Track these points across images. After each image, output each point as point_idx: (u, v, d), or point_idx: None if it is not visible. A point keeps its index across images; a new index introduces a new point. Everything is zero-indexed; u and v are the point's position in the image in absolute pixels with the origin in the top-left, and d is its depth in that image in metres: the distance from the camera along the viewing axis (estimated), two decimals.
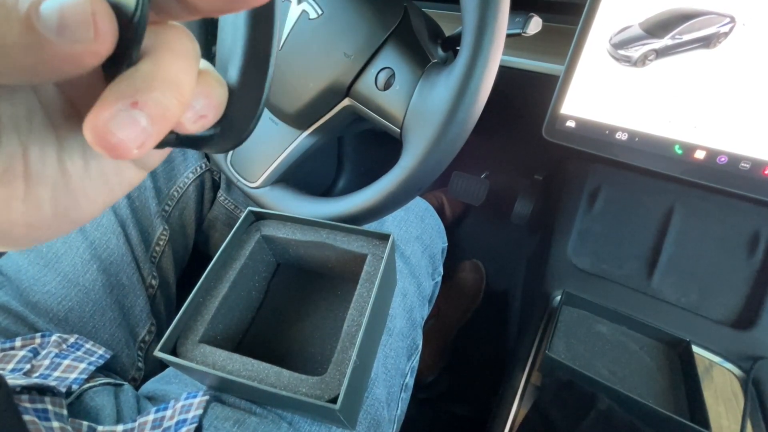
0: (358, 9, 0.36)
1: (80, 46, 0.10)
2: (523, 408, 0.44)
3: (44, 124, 0.13)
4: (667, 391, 0.43)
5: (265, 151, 0.44)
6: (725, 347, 0.49)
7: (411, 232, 0.51)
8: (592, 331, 0.50)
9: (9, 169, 0.13)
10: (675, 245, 0.58)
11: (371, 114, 0.37)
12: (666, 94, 0.43)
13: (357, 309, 0.32)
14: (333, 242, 0.36)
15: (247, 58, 0.17)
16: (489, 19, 0.29)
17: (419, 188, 0.36)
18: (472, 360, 0.87)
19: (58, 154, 0.14)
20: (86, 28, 0.10)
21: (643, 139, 0.45)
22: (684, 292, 0.55)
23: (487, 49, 0.30)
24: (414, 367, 0.48)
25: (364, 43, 0.35)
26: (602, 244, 0.61)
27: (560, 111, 0.48)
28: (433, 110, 0.32)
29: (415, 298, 0.48)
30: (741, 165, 0.41)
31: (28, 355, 0.36)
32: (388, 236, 0.35)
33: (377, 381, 0.40)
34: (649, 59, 0.42)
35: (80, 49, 0.10)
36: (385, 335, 0.43)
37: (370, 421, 0.37)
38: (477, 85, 0.31)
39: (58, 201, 0.14)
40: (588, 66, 0.45)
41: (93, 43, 0.10)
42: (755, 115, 0.40)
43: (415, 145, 0.33)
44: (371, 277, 0.34)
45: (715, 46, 0.39)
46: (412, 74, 0.34)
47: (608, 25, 0.43)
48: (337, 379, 0.28)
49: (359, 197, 0.38)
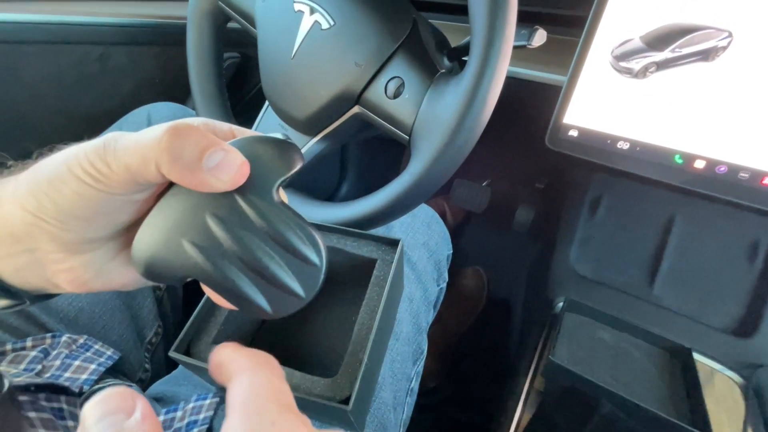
0: (369, 20, 0.37)
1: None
2: (527, 413, 0.44)
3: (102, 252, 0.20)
4: (668, 398, 0.44)
5: None
6: (726, 355, 0.50)
7: (418, 238, 0.52)
8: (595, 338, 0.50)
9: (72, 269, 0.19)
10: (676, 253, 0.59)
11: (380, 121, 0.38)
12: (666, 105, 0.44)
13: (367, 312, 0.32)
14: (343, 247, 0.37)
15: None
16: (497, 32, 0.30)
17: (427, 194, 0.37)
18: (475, 366, 0.88)
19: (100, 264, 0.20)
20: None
21: (644, 149, 0.46)
22: (685, 300, 0.56)
23: (494, 60, 0.31)
24: (419, 371, 0.48)
25: (374, 52, 0.36)
26: (604, 251, 0.62)
27: (563, 120, 0.49)
28: (442, 118, 0.33)
29: (421, 304, 0.49)
30: (740, 175, 0.42)
31: (39, 356, 0.37)
32: (397, 242, 0.36)
33: (384, 385, 0.41)
34: (649, 71, 0.43)
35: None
36: (392, 340, 0.43)
37: (377, 425, 0.38)
38: (485, 95, 0.32)
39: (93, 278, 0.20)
40: (590, 77, 0.46)
41: None
42: (753, 126, 0.41)
43: (424, 152, 0.34)
44: (381, 281, 0.34)
45: (714, 59, 0.40)
46: (421, 83, 0.35)
47: (610, 38, 0.44)
48: (348, 380, 0.29)
49: (368, 202, 0.38)
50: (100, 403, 0.14)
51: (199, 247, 0.18)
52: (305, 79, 0.39)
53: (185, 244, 0.18)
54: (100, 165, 0.17)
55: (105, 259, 0.20)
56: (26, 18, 0.57)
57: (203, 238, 0.18)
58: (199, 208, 0.18)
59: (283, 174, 0.19)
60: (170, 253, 0.18)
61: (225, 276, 0.18)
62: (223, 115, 0.51)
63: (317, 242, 0.19)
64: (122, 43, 0.65)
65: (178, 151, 0.16)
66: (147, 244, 0.19)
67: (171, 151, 0.16)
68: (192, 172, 0.17)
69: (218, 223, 0.18)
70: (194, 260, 0.18)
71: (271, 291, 0.19)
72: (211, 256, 0.18)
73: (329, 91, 0.38)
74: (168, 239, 0.18)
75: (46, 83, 0.61)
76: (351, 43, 0.37)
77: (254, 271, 0.18)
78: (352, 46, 0.37)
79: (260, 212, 0.18)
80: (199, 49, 0.50)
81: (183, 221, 0.18)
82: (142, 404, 0.14)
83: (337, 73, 0.38)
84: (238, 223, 0.18)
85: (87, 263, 0.19)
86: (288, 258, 0.19)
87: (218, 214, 0.18)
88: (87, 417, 0.14)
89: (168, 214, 0.19)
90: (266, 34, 0.42)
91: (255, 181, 0.19)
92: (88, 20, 0.61)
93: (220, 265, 0.18)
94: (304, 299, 0.19)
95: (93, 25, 0.61)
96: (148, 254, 0.18)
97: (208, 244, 0.18)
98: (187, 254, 0.18)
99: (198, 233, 0.18)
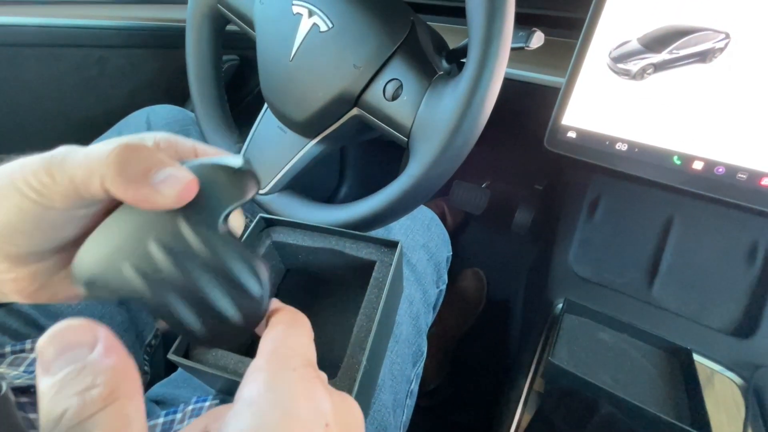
0: (368, 22, 0.37)
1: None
2: (527, 414, 0.44)
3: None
4: (668, 399, 0.44)
5: (274, 159, 0.45)
6: (726, 356, 0.50)
7: (417, 240, 0.52)
8: (594, 339, 0.50)
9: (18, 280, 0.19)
10: (675, 254, 0.59)
11: (379, 123, 0.38)
12: (664, 106, 0.44)
13: (366, 314, 0.32)
14: (342, 249, 0.37)
15: None
16: (494, 34, 0.30)
17: (426, 195, 0.37)
18: (474, 368, 0.87)
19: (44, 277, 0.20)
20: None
21: (642, 150, 0.46)
22: (684, 301, 0.56)
23: (492, 62, 0.31)
24: (419, 373, 0.48)
25: (373, 55, 0.36)
26: (603, 253, 0.62)
27: (561, 122, 0.49)
28: (440, 120, 0.33)
29: (420, 305, 0.49)
30: (738, 176, 0.42)
31: None
32: (396, 243, 0.36)
33: (384, 387, 0.41)
34: (647, 73, 0.43)
35: None
36: (392, 342, 0.43)
37: (377, 427, 0.38)
38: (483, 97, 0.32)
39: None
40: (588, 78, 0.46)
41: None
42: (751, 127, 0.41)
43: (422, 153, 0.34)
44: (380, 283, 0.34)
45: (711, 60, 0.40)
46: (419, 85, 0.35)
47: (608, 40, 0.44)
48: (347, 383, 0.29)
49: (367, 204, 0.38)
50: (57, 337, 0.13)
51: (140, 272, 0.18)
52: (304, 82, 0.39)
53: (125, 267, 0.18)
54: (43, 177, 0.16)
55: (51, 272, 0.20)
56: (26, 21, 0.57)
57: (144, 263, 0.18)
58: (143, 232, 0.18)
59: (232, 202, 0.19)
60: (110, 274, 0.18)
61: (163, 303, 0.18)
62: (223, 117, 0.51)
63: (260, 273, 0.19)
64: (121, 46, 0.65)
65: (124, 165, 0.16)
66: (87, 264, 0.18)
67: (117, 165, 0.16)
68: (136, 186, 0.16)
69: (160, 249, 0.18)
70: (133, 284, 0.18)
71: (210, 320, 0.18)
72: (150, 282, 0.18)
73: (328, 93, 0.38)
74: (109, 261, 0.18)
75: (45, 86, 0.62)
76: (349, 45, 0.37)
77: (194, 300, 0.18)
78: (351, 49, 0.37)
79: (204, 240, 0.18)
80: (198, 52, 0.50)
81: (125, 244, 0.18)
82: (104, 334, 0.13)
83: (335, 75, 0.38)
84: (181, 250, 0.18)
85: (33, 275, 0.19)
86: (229, 288, 0.18)
87: (161, 240, 0.18)
88: (44, 353, 0.13)
89: (111, 235, 0.18)
90: (265, 36, 0.42)
91: (203, 208, 0.18)
92: (87, 23, 0.61)
93: (159, 291, 0.18)
94: (244, 330, 0.19)
95: (92, 29, 0.61)
96: (87, 274, 0.18)
97: (148, 269, 0.18)
98: (126, 278, 0.18)
99: (139, 258, 0.18)
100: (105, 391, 0.12)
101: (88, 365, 0.12)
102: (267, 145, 0.46)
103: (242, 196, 0.19)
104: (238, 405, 0.14)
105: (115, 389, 0.12)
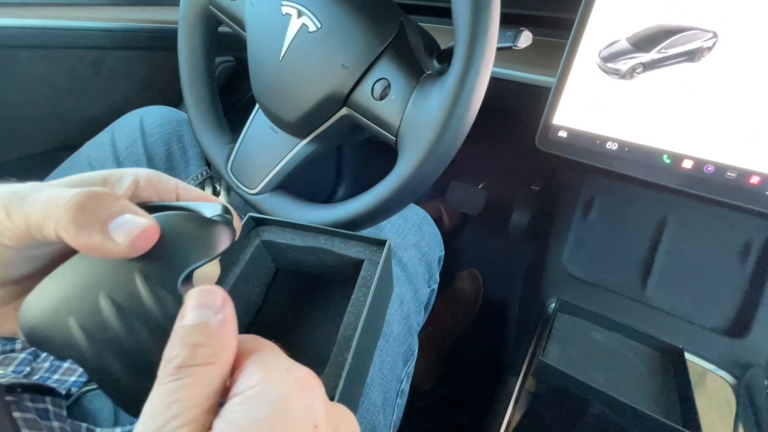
0: (356, 22, 0.37)
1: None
2: (518, 413, 0.44)
3: None
4: (659, 398, 0.44)
5: (265, 159, 0.45)
6: (718, 355, 0.50)
7: (409, 239, 0.52)
8: (587, 338, 0.50)
9: None
10: (668, 254, 0.59)
11: (367, 123, 0.38)
12: (653, 105, 0.44)
13: (353, 313, 0.32)
14: (331, 248, 0.37)
15: None
16: (479, 33, 0.31)
17: (414, 194, 0.37)
18: (470, 368, 0.87)
19: None
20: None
21: (632, 149, 0.46)
22: (677, 301, 0.56)
23: (477, 61, 0.31)
24: (410, 372, 0.48)
25: (361, 54, 0.37)
26: (597, 252, 0.62)
27: (552, 121, 0.49)
28: (427, 119, 0.33)
29: (411, 305, 0.49)
30: (727, 174, 0.42)
31: (29, 358, 0.37)
32: (384, 242, 0.36)
33: (373, 386, 0.41)
34: (636, 72, 0.44)
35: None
36: (382, 341, 0.43)
37: (366, 426, 0.38)
38: (469, 96, 0.32)
39: None
40: (578, 78, 0.46)
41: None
42: (739, 126, 0.41)
43: (409, 152, 0.34)
44: (367, 281, 0.34)
45: (699, 59, 0.41)
46: (407, 85, 0.36)
47: (597, 40, 0.44)
48: (332, 381, 0.29)
49: (356, 203, 0.39)
50: (201, 293, 0.16)
51: (84, 329, 0.17)
52: (294, 82, 0.40)
53: (71, 322, 0.17)
54: (0, 214, 0.16)
55: None
56: (20, 23, 0.57)
57: (91, 319, 0.17)
58: (95, 286, 0.17)
59: (198, 259, 0.18)
60: (54, 327, 0.17)
61: (102, 366, 0.17)
62: (215, 118, 0.51)
63: None
64: (115, 48, 0.65)
65: (80, 212, 0.16)
66: (33, 313, 0.17)
67: (72, 212, 0.16)
68: (88, 233, 0.16)
69: (111, 306, 0.17)
70: (75, 341, 0.17)
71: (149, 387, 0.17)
72: (93, 342, 0.17)
73: (317, 93, 0.39)
74: (55, 313, 0.17)
75: (40, 87, 0.62)
76: (338, 45, 0.37)
77: (138, 366, 0.17)
78: (339, 49, 0.37)
79: (160, 302, 0.17)
80: (190, 53, 0.50)
81: (75, 297, 0.17)
82: (227, 309, 0.16)
83: (324, 75, 0.38)
84: (133, 310, 0.17)
85: None
86: None
87: (113, 296, 0.17)
88: (189, 300, 0.16)
89: (62, 285, 0.18)
90: (255, 37, 0.42)
91: (164, 264, 0.17)
92: (81, 25, 0.61)
93: (101, 353, 0.17)
94: None
95: (87, 30, 0.62)
96: (32, 323, 0.17)
97: (94, 327, 0.17)
98: (69, 333, 0.17)
99: (86, 314, 0.17)
100: (209, 353, 0.15)
101: (207, 326, 0.15)
102: (258, 145, 0.47)
103: (211, 252, 0.18)
104: (232, 400, 0.14)
105: (216, 354, 0.15)
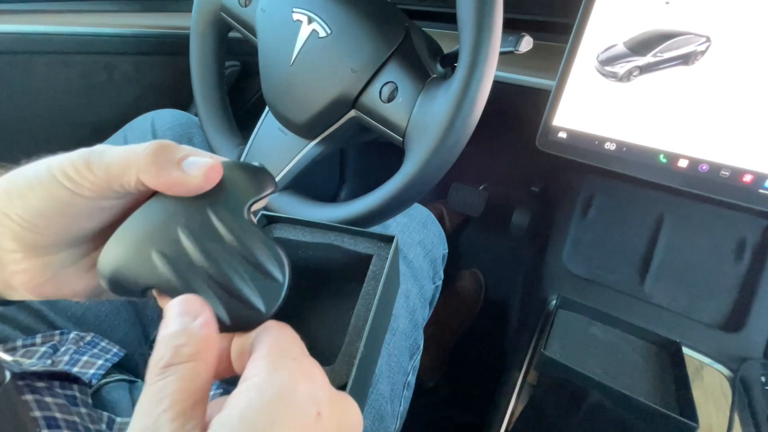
0: (364, 28, 0.39)
1: None
2: (520, 405, 0.45)
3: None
4: (657, 389, 0.45)
5: (275, 160, 0.47)
6: (715, 349, 0.51)
7: (414, 237, 0.54)
8: (587, 333, 0.52)
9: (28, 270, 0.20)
10: (665, 252, 0.60)
11: (375, 124, 0.40)
12: (650, 107, 0.46)
13: (363, 304, 0.34)
14: (341, 244, 0.38)
15: None
16: (484, 39, 0.32)
17: (420, 193, 0.38)
18: (473, 366, 0.89)
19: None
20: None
21: (629, 149, 0.48)
22: (675, 297, 0.57)
23: (482, 65, 0.33)
24: (416, 366, 0.50)
25: (369, 59, 0.38)
26: (596, 250, 0.64)
27: (552, 123, 0.51)
28: (433, 121, 0.35)
29: (417, 300, 0.50)
30: (721, 173, 0.44)
31: (49, 351, 0.38)
32: (392, 238, 0.37)
33: (381, 378, 0.42)
34: (633, 75, 0.45)
35: None
36: (389, 334, 0.45)
37: (375, 415, 0.39)
38: (473, 98, 0.34)
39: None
40: (577, 81, 0.48)
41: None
42: (732, 126, 0.42)
43: (416, 152, 0.36)
44: (376, 275, 0.36)
45: (694, 62, 0.42)
46: (413, 88, 0.37)
47: (595, 44, 0.46)
48: (345, 368, 0.30)
49: (364, 201, 0.40)
50: (182, 302, 0.17)
51: (167, 258, 0.19)
52: (304, 85, 0.41)
53: (154, 254, 0.19)
54: (81, 167, 0.18)
55: (61, 266, 0.21)
56: (36, 29, 0.59)
57: (172, 249, 0.19)
58: (172, 220, 0.19)
59: (254, 195, 0.20)
60: (138, 261, 0.19)
61: (189, 288, 0.19)
62: (225, 120, 0.53)
63: (282, 260, 0.20)
64: (127, 53, 0.67)
65: (157, 156, 0.18)
66: (114, 255, 0.19)
67: (151, 156, 0.18)
68: (167, 172, 0.18)
69: (189, 235, 0.19)
70: (160, 270, 0.19)
71: (233, 304, 0.19)
72: (177, 267, 0.19)
73: (326, 96, 0.40)
74: (138, 247, 0.19)
75: (54, 92, 0.64)
76: (347, 50, 0.39)
77: (218, 284, 0.19)
78: (348, 53, 0.39)
79: (230, 228, 0.19)
80: (202, 58, 0.52)
81: (155, 231, 0.19)
82: (206, 314, 0.17)
83: (334, 78, 0.39)
84: (208, 236, 0.19)
85: (43, 267, 0.20)
86: (252, 273, 0.19)
87: (190, 227, 0.19)
88: (170, 308, 0.17)
89: (141, 224, 0.20)
90: (266, 42, 0.44)
91: (228, 199, 0.20)
92: (94, 31, 0.63)
93: (186, 276, 0.19)
94: (264, 314, 0.20)
95: (99, 36, 0.64)
96: (115, 265, 0.19)
97: (176, 255, 0.19)
98: (154, 264, 0.19)
99: (167, 244, 0.19)
100: (192, 351, 0.16)
101: (188, 329, 0.16)
102: (268, 146, 0.48)
103: (263, 190, 0.21)
104: (240, 387, 0.16)
105: (198, 352, 0.16)
